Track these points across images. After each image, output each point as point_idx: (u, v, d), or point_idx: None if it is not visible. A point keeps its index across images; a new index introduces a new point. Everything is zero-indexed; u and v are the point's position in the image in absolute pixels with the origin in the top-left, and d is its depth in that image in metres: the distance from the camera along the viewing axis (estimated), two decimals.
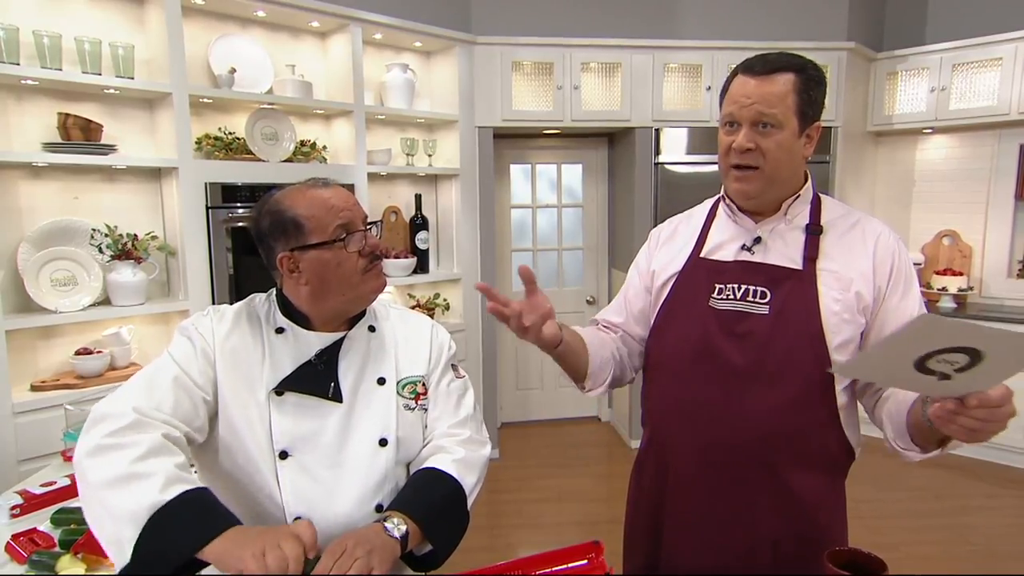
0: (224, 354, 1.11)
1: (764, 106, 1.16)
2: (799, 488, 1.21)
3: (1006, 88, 3.86)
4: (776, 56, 1.20)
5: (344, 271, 1.12)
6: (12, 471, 2.18)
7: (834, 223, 1.26)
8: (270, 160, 2.96)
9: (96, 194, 2.61)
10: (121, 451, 0.93)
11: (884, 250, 1.22)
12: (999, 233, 4.22)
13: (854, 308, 1.19)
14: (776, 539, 1.22)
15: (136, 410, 0.99)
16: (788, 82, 1.17)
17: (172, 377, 1.06)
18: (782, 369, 1.18)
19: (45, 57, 2.33)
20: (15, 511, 1.48)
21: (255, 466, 1.08)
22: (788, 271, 1.22)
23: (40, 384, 2.39)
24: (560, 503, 3.46)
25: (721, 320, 1.24)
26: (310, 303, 1.14)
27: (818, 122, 1.22)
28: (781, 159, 1.19)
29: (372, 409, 1.16)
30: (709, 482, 1.25)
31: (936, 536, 3.07)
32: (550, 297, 1.16)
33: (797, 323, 1.18)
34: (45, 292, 2.41)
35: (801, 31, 3.97)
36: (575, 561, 1.07)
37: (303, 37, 3.25)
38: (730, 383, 1.21)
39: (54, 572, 1.21)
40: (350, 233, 1.13)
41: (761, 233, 1.27)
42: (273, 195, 1.16)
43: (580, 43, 3.77)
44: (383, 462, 1.14)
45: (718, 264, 1.29)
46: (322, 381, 1.13)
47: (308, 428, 1.10)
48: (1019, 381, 3.87)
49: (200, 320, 1.15)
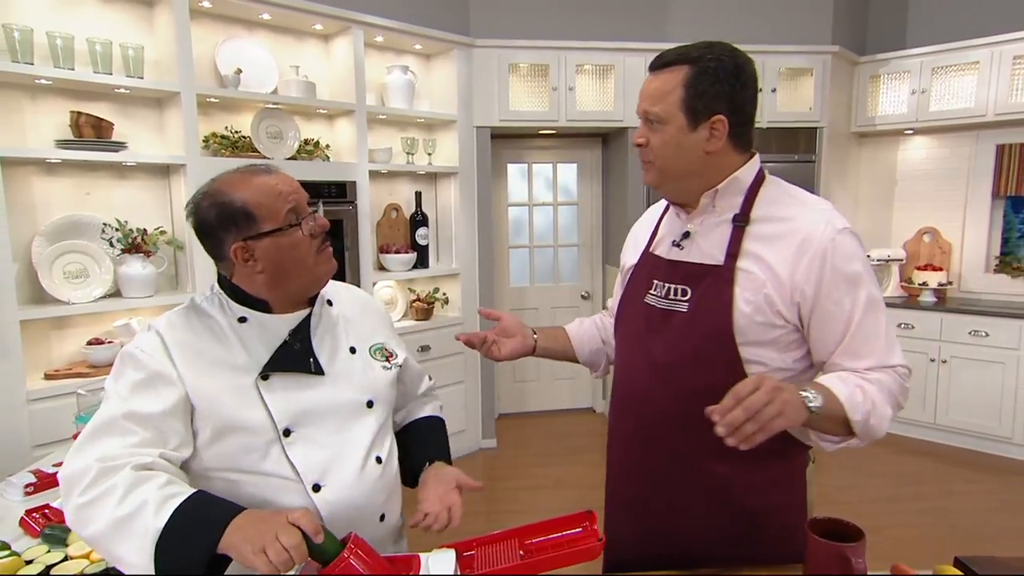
0: (187, 361, 1.05)
1: (648, 103, 1.15)
2: (721, 476, 1.18)
3: (983, 91, 3.87)
4: (676, 50, 1.15)
5: (299, 254, 1.09)
6: (27, 455, 2.18)
7: (765, 216, 1.16)
8: (275, 158, 2.97)
9: (107, 190, 2.61)
10: (101, 503, 0.90)
11: (812, 249, 1.10)
12: (977, 230, 4.24)
13: (766, 310, 1.11)
14: (709, 522, 1.21)
15: (98, 460, 0.94)
16: (677, 77, 1.12)
17: (122, 415, 0.99)
18: (695, 364, 1.15)
19: (58, 58, 2.34)
20: (29, 489, 1.49)
21: (260, 450, 1.06)
22: (707, 268, 1.17)
23: (53, 373, 2.40)
24: (555, 490, 3.47)
25: (651, 317, 1.23)
26: (268, 290, 1.11)
27: (720, 115, 1.12)
28: (668, 154, 1.15)
29: (352, 376, 1.18)
30: (639, 469, 1.26)
31: (917, 520, 3.08)
32: (547, 292, 1.19)
33: (709, 322, 1.14)
34: (58, 284, 2.41)
35: (787, 35, 3.99)
36: (570, 529, 1.07)
37: (307, 39, 3.26)
38: (655, 377, 1.20)
39: (66, 544, 1.22)
40: (300, 217, 1.09)
41: (691, 227, 1.22)
42: (212, 185, 1.09)
43: (575, 46, 3.78)
44: (373, 421, 1.18)
45: (658, 260, 1.27)
46: (302, 358, 1.12)
47: (302, 404, 1.10)
48: (986, 369, 3.80)
49: (144, 341, 1.06)
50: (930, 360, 3.98)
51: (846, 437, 1.11)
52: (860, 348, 1.12)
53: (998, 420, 3.79)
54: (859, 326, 1.11)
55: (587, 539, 1.04)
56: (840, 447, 1.14)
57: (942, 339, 3.93)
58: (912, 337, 4.03)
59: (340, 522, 1.06)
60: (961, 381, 3.89)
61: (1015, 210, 4.18)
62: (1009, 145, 4.05)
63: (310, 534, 0.87)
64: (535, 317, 4.61)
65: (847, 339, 1.12)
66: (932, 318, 3.97)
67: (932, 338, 3.97)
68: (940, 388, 3.97)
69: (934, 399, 4.00)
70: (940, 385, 3.97)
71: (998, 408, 3.78)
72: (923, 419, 4.05)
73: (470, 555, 1.06)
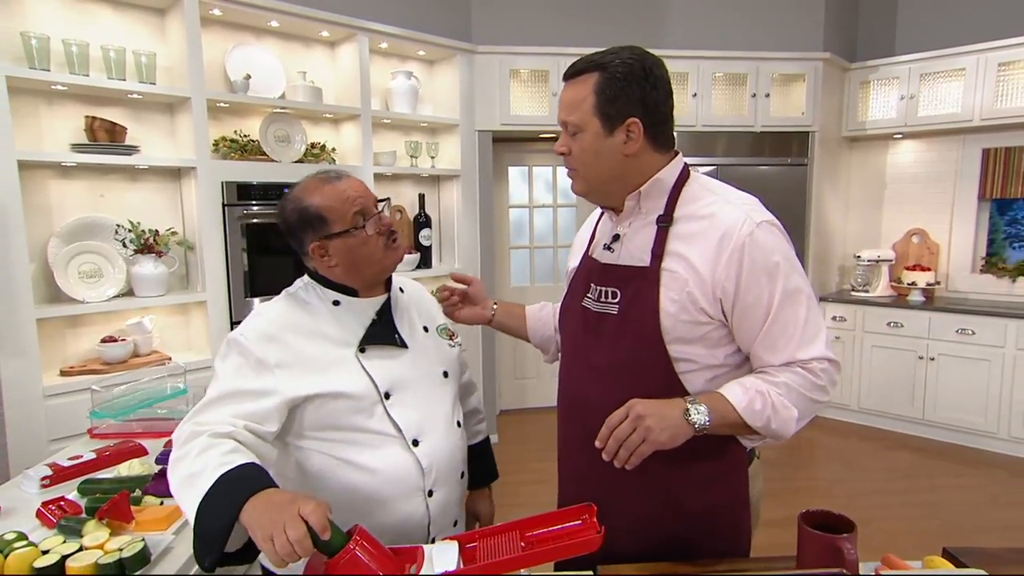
0: (289, 342, 1.15)
1: (565, 113, 1.14)
2: (661, 476, 1.16)
3: (969, 96, 3.87)
4: (585, 58, 1.13)
5: (368, 250, 1.21)
6: (43, 449, 2.19)
7: (687, 215, 1.14)
8: (282, 161, 2.97)
9: (120, 192, 2.61)
10: (181, 462, 1.01)
11: (731, 244, 1.07)
12: (964, 231, 4.24)
13: (690, 308, 1.10)
14: (654, 521, 1.19)
15: (197, 423, 1.06)
16: (588, 84, 1.11)
17: (224, 392, 1.10)
18: (630, 366, 1.14)
19: (74, 64, 2.34)
20: (45, 481, 1.49)
21: (366, 411, 1.17)
22: (634, 270, 1.16)
23: (69, 369, 2.40)
24: (554, 484, 3.45)
25: (587, 320, 1.22)
26: (346, 279, 1.23)
27: (635, 118, 1.10)
28: (588, 161, 1.15)
29: (428, 350, 1.30)
30: (583, 470, 1.24)
31: (906, 512, 3.08)
32: (547, 292, 1.20)
33: (637, 323, 1.13)
34: (73, 284, 2.42)
35: (780, 42, 3.98)
36: (570, 522, 1.07)
37: (314, 46, 3.25)
38: (593, 380, 1.20)
39: (80, 535, 1.22)
40: (367, 218, 1.20)
41: (620, 230, 1.21)
42: (294, 191, 1.22)
43: (574, 52, 3.74)
44: (450, 389, 1.32)
45: (594, 264, 1.26)
46: (389, 334, 1.25)
47: (395, 372, 1.22)
48: (973, 367, 3.81)
49: (248, 328, 1.17)
50: (918, 358, 3.98)
51: (758, 436, 1.12)
52: (777, 340, 1.10)
53: (984, 416, 3.79)
54: (775, 318, 1.09)
55: (587, 531, 1.03)
56: (764, 442, 1.16)
57: (930, 337, 3.93)
58: (901, 335, 4.03)
59: (435, 474, 1.22)
60: (948, 378, 3.89)
61: (1000, 212, 4.18)
62: (995, 149, 4.04)
63: (317, 531, 0.86)
64: None
65: (764, 331, 1.10)
66: (920, 317, 3.97)
67: (920, 336, 3.97)
68: (928, 385, 3.97)
69: (922, 396, 4.00)
70: (928, 382, 3.97)
71: (984, 404, 3.77)
72: (912, 415, 4.05)
73: (473, 547, 1.06)
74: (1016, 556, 1.13)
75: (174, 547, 1.25)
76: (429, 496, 1.22)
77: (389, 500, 1.18)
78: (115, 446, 1.70)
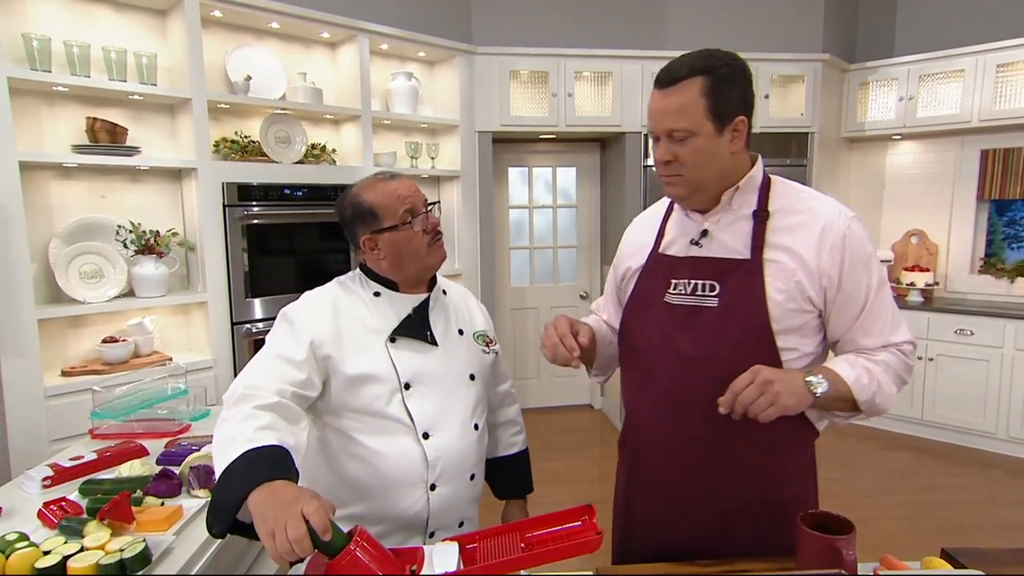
0: (330, 322, 1.24)
1: (672, 120, 1.13)
2: (760, 467, 1.19)
3: (968, 98, 3.88)
4: (680, 63, 1.13)
5: (413, 247, 1.29)
6: (45, 449, 2.19)
7: (783, 209, 1.19)
8: (283, 162, 2.97)
9: (121, 193, 2.61)
10: (224, 424, 1.07)
11: (833, 235, 1.14)
12: (962, 232, 4.24)
13: (798, 297, 1.14)
14: (742, 514, 1.21)
15: (245, 387, 1.12)
16: (695, 88, 1.11)
17: (273, 355, 1.19)
18: (733, 358, 1.13)
19: (75, 65, 2.34)
20: (46, 482, 1.49)
21: (385, 397, 1.24)
22: (735, 263, 1.18)
23: (70, 370, 2.40)
24: (555, 484, 3.46)
25: (675, 315, 1.22)
26: (391, 273, 1.32)
27: (742, 116, 1.15)
28: (701, 163, 1.15)
29: (459, 352, 1.36)
30: (675, 465, 1.24)
31: (904, 512, 3.08)
32: (547, 292, 1.20)
33: (744, 314, 1.15)
34: (74, 284, 2.42)
35: (779, 43, 3.98)
36: (570, 523, 1.07)
37: (314, 47, 3.25)
38: (687, 374, 1.19)
39: (82, 536, 1.22)
40: (415, 216, 1.28)
41: (707, 226, 1.22)
42: (351, 189, 1.32)
43: (573, 53, 3.78)
44: (475, 392, 1.36)
45: (673, 260, 1.26)
46: (421, 329, 1.31)
47: (420, 366, 1.28)
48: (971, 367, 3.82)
49: (298, 306, 1.28)
50: (917, 358, 3.97)
51: (854, 413, 1.18)
52: (872, 326, 1.18)
53: (982, 416, 3.79)
54: (872, 305, 1.17)
55: (586, 532, 1.03)
56: (848, 422, 1.22)
57: (929, 338, 3.93)
58: None
59: (440, 469, 1.26)
60: (947, 378, 3.89)
61: (999, 213, 4.18)
62: (993, 150, 4.05)
63: (318, 531, 0.86)
64: (535, 316, 4.62)
65: (861, 318, 1.17)
66: (919, 317, 3.97)
67: (919, 336, 3.97)
68: (927, 385, 3.97)
69: (921, 395, 4.00)
70: (927, 382, 3.97)
71: (982, 404, 3.78)
72: (910, 415, 4.05)
73: (473, 548, 1.06)
74: (1014, 556, 1.13)
75: (175, 548, 1.25)
76: (431, 490, 1.26)
77: (390, 486, 1.24)
78: (116, 447, 1.70)
